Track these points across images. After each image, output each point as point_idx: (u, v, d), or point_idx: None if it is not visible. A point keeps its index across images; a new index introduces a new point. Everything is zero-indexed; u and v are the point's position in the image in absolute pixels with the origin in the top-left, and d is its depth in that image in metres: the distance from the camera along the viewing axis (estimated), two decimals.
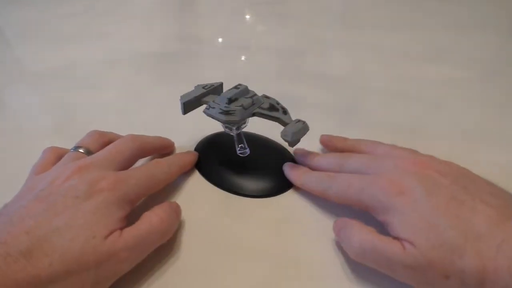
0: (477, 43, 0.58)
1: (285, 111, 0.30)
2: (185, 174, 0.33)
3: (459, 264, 0.21)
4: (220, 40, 0.62)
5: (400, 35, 0.61)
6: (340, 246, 0.27)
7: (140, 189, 0.27)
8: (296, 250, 0.27)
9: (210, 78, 0.50)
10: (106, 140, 0.31)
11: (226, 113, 0.29)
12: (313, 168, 0.31)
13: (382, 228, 0.24)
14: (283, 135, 0.28)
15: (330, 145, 0.35)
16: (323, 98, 0.45)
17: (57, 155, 0.29)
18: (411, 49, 0.56)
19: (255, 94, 0.31)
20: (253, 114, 0.30)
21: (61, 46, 0.59)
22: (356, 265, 0.25)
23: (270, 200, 0.31)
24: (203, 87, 0.32)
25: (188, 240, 0.28)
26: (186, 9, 0.77)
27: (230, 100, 0.29)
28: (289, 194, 0.31)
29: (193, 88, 0.33)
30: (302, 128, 0.28)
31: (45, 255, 0.21)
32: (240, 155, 0.32)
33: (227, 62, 0.54)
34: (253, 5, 0.76)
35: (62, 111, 0.43)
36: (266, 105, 0.30)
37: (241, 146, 0.32)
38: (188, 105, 0.32)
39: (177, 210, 0.28)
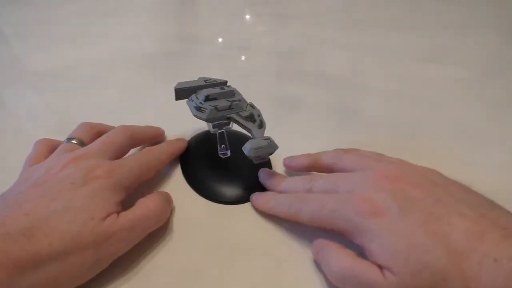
0: (477, 43, 0.58)
1: (261, 125, 0.30)
2: (171, 177, 0.33)
3: (443, 287, 0.20)
4: (220, 40, 0.62)
5: (400, 35, 0.61)
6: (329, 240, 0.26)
7: (133, 176, 0.27)
8: (283, 252, 0.27)
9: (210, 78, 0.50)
10: (97, 131, 0.32)
11: (198, 109, 0.29)
12: (281, 192, 0.29)
13: (360, 250, 0.23)
14: (243, 148, 0.28)
15: (294, 165, 0.32)
16: (323, 98, 0.45)
17: (50, 147, 0.30)
18: (411, 49, 0.56)
19: (240, 100, 0.30)
20: (228, 118, 0.30)
21: (61, 46, 0.59)
22: None
23: (247, 205, 0.31)
24: (205, 80, 0.32)
25: (177, 245, 0.27)
26: (186, 9, 0.77)
27: (207, 98, 0.30)
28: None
29: (197, 79, 0.33)
30: (265, 147, 0.27)
31: (44, 235, 0.21)
32: (221, 156, 0.32)
33: (227, 62, 0.54)
34: (253, 5, 0.76)
35: (62, 111, 0.43)
36: (245, 113, 0.30)
37: (222, 147, 0.32)
38: (181, 93, 0.32)
39: (168, 198, 0.29)
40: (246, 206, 0.30)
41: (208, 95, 0.30)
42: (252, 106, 0.31)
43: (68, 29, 0.66)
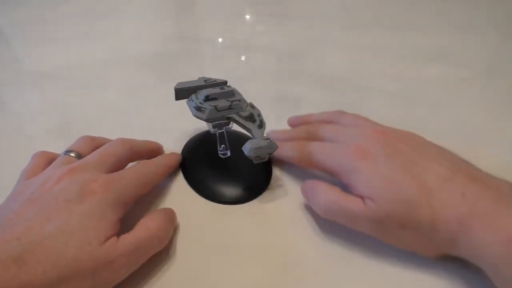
0: (477, 43, 0.58)
1: (261, 125, 0.30)
2: (171, 177, 0.33)
3: (414, 215, 0.24)
4: (220, 40, 0.62)
5: (400, 35, 0.61)
6: (328, 240, 0.27)
7: (132, 189, 0.26)
8: (285, 248, 0.27)
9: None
10: (96, 144, 0.31)
11: (198, 109, 0.29)
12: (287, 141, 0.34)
13: (346, 189, 0.27)
14: (243, 148, 0.28)
15: (298, 123, 0.37)
16: (323, 98, 0.45)
17: (47, 160, 0.29)
18: (411, 49, 0.56)
19: (240, 100, 0.30)
20: (228, 118, 0.30)
21: (61, 46, 0.59)
22: (348, 261, 0.26)
23: (247, 205, 0.31)
24: (205, 80, 0.32)
25: (177, 246, 0.27)
26: (186, 9, 0.77)
27: (207, 98, 0.29)
28: (267, 195, 0.31)
29: (197, 79, 0.33)
30: (265, 147, 0.28)
31: (38, 262, 0.20)
32: (221, 156, 0.32)
33: (227, 62, 0.54)
34: (253, 5, 0.76)
35: (62, 111, 0.43)
36: (245, 113, 0.30)
37: (222, 147, 0.32)
38: (181, 93, 0.31)
39: (172, 216, 0.28)
40: (246, 206, 0.30)
41: (208, 95, 0.30)
42: (252, 106, 0.31)
43: (68, 29, 0.66)
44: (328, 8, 0.75)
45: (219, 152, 0.32)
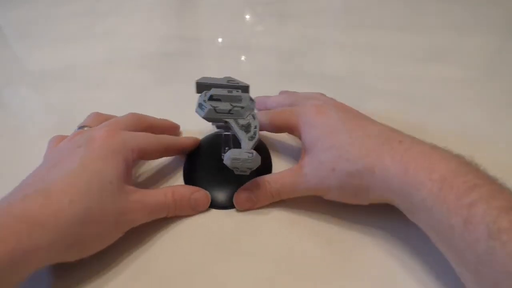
0: (477, 43, 0.58)
1: (252, 138, 0.28)
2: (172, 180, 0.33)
3: (345, 155, 0.26)
4: (220, 40, 0.62)
5: (400, 35, 0.61)
6: (328, 241, 0.27)
7: (137, 141, 0.28)
8: (286, 250, 0.27)
9: None
10: (106, 118, 0.33)
11: (200, 105, 0.29)
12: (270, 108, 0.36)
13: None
14: (224, 154, 0.27)
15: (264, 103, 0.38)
16: None
17: (62, 138, 0.31)
18: (411, 49, 0.56)
19: (244, 107, 0.29)
20: (225, 122, 0.29)
21: (61, 46, 0.59)
22: (349, 262, 0.26)
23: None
24: (228, 80, 0.32)
25: (176, 247, 0.27)
26: (186, 9, 0.77)
27: (211, 97, 0.29)
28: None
29: (222, 77, 0.33)
30: (243, 160, 0.26)
31: (64, 193, 0.22)
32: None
33: (227, 62, 0.54)
34: (253, 5, 0.76)
35: (62, 111, 0.43)
36: (243, 122, 0.29)
37: (226, 149, 0.31)
38: (201, 87, 0.31)
39: (192, 202, 0.29)
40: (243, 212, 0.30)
41: (213, 95, 0.29)
42: (254, 117, 0.30)
43: (68, 29, 0.66)
44: (328, 8, 0.75)
45: (222, 155, 0.31)
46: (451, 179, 0.22)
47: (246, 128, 0.29)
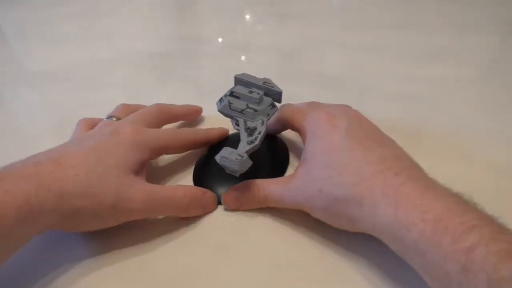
0: (477, 43, 0.58)
1: (251, 143, 0.28)
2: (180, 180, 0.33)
3: (335, 178, 0.24)
4: (220, 40, 0.62)
5: (400, 35, 0.61)
6: (329, 242, 0.27)
7: (160, 139, 0.30)
8: (283, 250, 0.27)
9: (210, 78, 0.50)
10: (134, 109, 0.34)
11: (220, 99, 0.30)
12: None
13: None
14: (217, 154, 0.27)
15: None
16: (323, 98, 0.45)
17: (91, 124, 0.32)
18: (411, 49, 0.56)
19: (257, 111, 0.29)
20: (233, 119, 0.30)
21: (61, 46, 0.59)
22: (349, 263, 0.26)
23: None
24: (264, 82, 0.32)
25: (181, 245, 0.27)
26: (187, 9, 0.77)
27: (232, 93, 0.30)
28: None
29: (262, 77, 0.33)
30: (231, 161, 0.26)
31: (71, 166, 0.24)
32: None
33: (227, 62, 0.54)
34: (253, 5, 0.76)
35: (62, 111, 0.43)
36: (251, 124, 0.29)
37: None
38: (238, 82, 0.32)
39: (203, 202, 0.29)
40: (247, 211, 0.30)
41: (234, 91, 0.30)
42: (263, 123, 0.29)
43: (68, 29, 0.66)
44: (328, 8, 0.75)
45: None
46: (447, 219, 0.20)
47: (251, 131, 0.29)
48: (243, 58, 0.56)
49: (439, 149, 0.36)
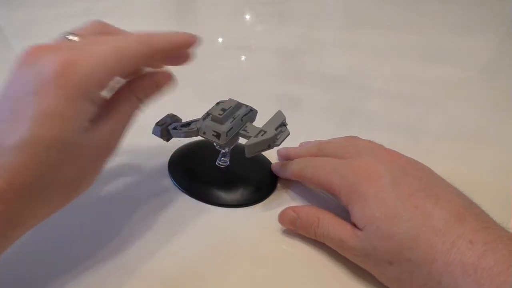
0: (477, 43, 0.58)
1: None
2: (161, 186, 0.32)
3: (407, 254, 0.21)
4: (220, 40, 0.62)
5: (400, 35, 0.61)
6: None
7: (103, 71, 0.21)
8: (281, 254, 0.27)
9: (210, 78, 0.50)
10: (110, 32, 0.25)
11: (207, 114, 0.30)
12: (294, 158, 0.31)
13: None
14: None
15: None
16: (323, 98, 0.45)
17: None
18: (411, 49, 0.56)
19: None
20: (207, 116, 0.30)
21: None
22: (351, 265, 0.25)
23: (246, 209, 0.30)
24: (281, 124, 0.30)
25: (175, 247, 0.27)
26: (186, 9, 0.77)
27: (223, 109, 0.29)
28: (272, 199, 0.31)
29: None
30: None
31: (24, 167, 0.19)
32: (219, 165, 0.32)
33: (227, 62, 0.54)
34: (253, 5, 0.76)
35: None
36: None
37: (223, 160, 0.32)
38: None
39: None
40: (249, 209, 0.30)
41: (224, 108, 0.29)
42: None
43: (68, 29, 0.66)
44: (328, 8, 0.75)
45: (218, 162, 0.32)
46: None
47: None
48: (243, 58, 0.56)
49: (439, 149, 0.36)
